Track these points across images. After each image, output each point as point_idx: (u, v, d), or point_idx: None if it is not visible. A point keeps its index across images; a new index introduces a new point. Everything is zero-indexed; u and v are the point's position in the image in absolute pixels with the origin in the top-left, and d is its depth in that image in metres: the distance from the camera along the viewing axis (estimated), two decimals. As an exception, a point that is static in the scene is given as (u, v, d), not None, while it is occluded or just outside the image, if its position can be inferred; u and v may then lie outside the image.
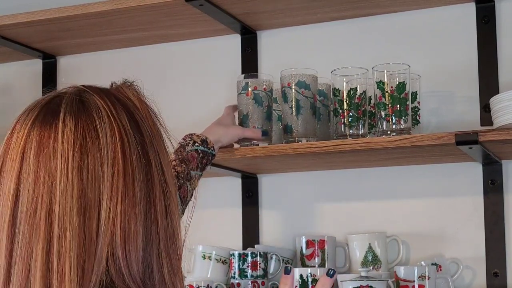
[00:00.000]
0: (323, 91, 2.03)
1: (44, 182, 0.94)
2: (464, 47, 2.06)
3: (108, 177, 0.94)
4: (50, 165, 0.94)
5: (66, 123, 0.96)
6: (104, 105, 1.00)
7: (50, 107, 0.99)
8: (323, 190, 2.18)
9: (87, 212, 0.93)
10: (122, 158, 0.96)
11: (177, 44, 2.36)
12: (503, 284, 1.97)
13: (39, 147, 0.96)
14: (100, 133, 0.97)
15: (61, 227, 0.92)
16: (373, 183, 2.13)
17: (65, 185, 0.93)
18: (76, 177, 0.94)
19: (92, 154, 0.95)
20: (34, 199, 0.93)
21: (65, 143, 0.95)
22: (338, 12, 2.12)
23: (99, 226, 0.93)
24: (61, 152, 0.95)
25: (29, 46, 2.41)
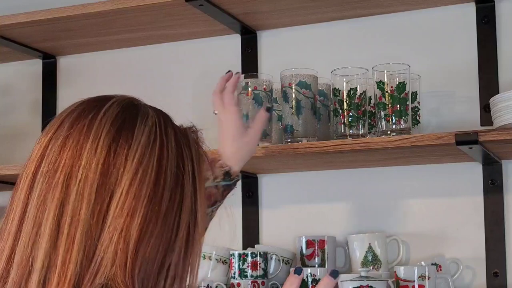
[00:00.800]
0: (323, 91, 2.03)
1: (70, 148, 0.94)
2: (464, 47, 2.06)
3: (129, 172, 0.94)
4: (82, 135, 0.95)
5: (111, 107, 0.98)
6: (154, 116, 1.01)
7: (99, 99, 1.01)
8: (323, 190, 2.18)
9: (104, 191, 0.93)
10: (158, 165, 0.95)
11: (177, 44, 2.35)
12: (503, 284, 1.97)
13: (78, 117, 0.97)
14: (137, 130, 0.97)
15: (79, 194, 0.92)
16: (373, 183, 2.13)
17: (91, 157, 0.94)
18: (103, 154, 0.94)
19: (122, 143, 0.95)
20: (57, 160, 0.94)
21: (103, 121, 0.96)
22: (338, 12, 2.12)
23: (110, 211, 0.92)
24: (97, 127, 0.95)
25: (29, 46, 2.41)
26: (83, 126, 0.96)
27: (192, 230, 0.97)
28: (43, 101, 2.52)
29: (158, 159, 0.96)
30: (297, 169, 2.18)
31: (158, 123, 1.00)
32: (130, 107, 1.00)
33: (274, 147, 1.94)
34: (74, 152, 0.94)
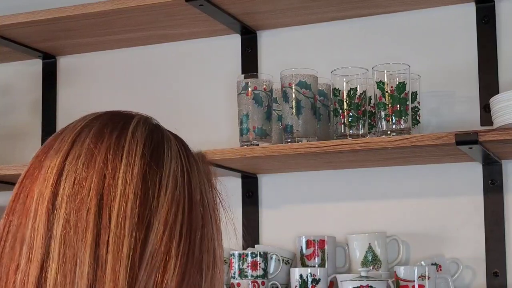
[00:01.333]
0: (323, 91, 2.03)
1: (99, 169, 0.82)
2: (464, 47, 2.06)
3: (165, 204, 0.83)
4: (112, 156, 0.83)
5: (138, 126, 0.88)
6: (175, 140, 0.90)
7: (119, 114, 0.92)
8: (323, 190, 2.18)
9: (142, 224, 0.82)
10: (188, 195, 0.86)
11: (177, 44, 2.35)
12: (503, 284, 1.97)
13: (101, 134, 0.86)
14: (166, 156, 0.86)
15: (120, 226, 0.81)
16: (373, 183, 2.13)
17: (128, 184, 0.82)
18: (140, 182, 0.83)
19: (155, 170, 0.84)
20: (85, 182, 0.82)
21: (134, 143, 0.85)
22: (338, 12, 2.12)
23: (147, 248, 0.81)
24: (128, 149, 0.84)
25: (29, 46, 2.41)
26: (109, 145, 0.85)
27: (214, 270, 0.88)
28: (43, 101, 2.52)
29: (188, 190, 0.86)
30: (297, 169, 2.18)
31: (180, 149, 0.90)
32: (155, 129, 0.90)
33: (274, 147, 1.94)
34: (104, 173, 0.82)
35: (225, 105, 2.26)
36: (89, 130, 0.87)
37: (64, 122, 2.49)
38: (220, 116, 2.28)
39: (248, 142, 1.98)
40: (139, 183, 0.82)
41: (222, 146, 2.09)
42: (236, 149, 1.98)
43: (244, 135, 1.99)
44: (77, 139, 0.86)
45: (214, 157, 1.97)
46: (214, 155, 1.96)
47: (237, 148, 1.98)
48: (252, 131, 1.98)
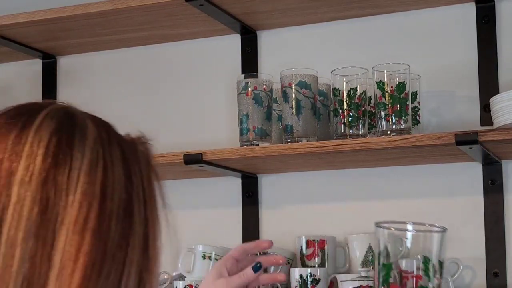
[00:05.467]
0: (323, 91, 2.03)
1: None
2: (464, 47, 2.06)
3: (72, 207, 0.76)
4: (8, 159, 0.77)
5: (44, 121, 0.80)
6: (94, 129, 0.82)
7: (28, 108, 0.83)
8: (323, 190, 2.18)
9: (46, 231, 0.75)
10: (101, 193, 0.78)
11: (177, 44, 2.35)
12: (503, 284, 1.97)
13: (1, 133, 0.79)
14: (76, 152, 0.79)
15: (9, 242, 0.74)
16: (373, 183, 2.13)
17: (24, 190, 0.75)
18: (39, 186, 0.76)
19: (60, 171, 0.77)
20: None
21: (36, 142, 0.78)
22: (338, 12, 2.12)
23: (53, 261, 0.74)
24: (29, 150, 0.77)
25: (29, 46, 2.41)
26: (5, 146, 0.77)
27: (144, 268, 0.80)
28: (43, 101, 2.52)
29: (101, 186, 0.78)
30: (297, 169, 2.18)
31: (100, 138, 0.81)
32: (66, 121, 0.81)
33: (274, 147, 1.94)
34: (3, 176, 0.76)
35: (225, 105, 2.26)
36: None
37: (64, 122, 2.49)
38: (220, 116, 2.28)
39: (248, 142, 1.98)
40: (39, 188, 0.75)
41: (222, 146, 2.09)
42: (236, 149, 1.98)
43: (244, 135, 1.99)
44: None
45: (214, 157, 1.97)
46: (214, 155, 1.97)
47: (237, 148, 1.98)
48: (252, 131, 1.98)
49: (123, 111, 2.40)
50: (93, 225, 0.76)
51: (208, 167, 2.02)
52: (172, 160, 2.00)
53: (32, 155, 0.77)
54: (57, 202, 0.76)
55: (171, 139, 2.28)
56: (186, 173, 2.18)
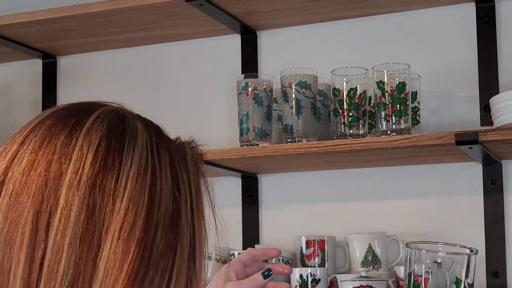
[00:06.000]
0: (323, 91, 2.03)
1: (40, 177, 0.75)
2: (464, 47, 2.06)
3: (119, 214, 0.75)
4: (57, 161, 0.75)
5: (95, 124, 0.78)
6: (144, 133, 0.81)
7: (79, 108, 0.82)
8: (323, 190, 2.18)
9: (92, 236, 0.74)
10: (149, 200, 0.76)
11: (177, 44, 2.35)
12: (503, 284, 1.97)
13: (50, 133, 0.77)
14: (126, 156, 0.77)
15: (56, 246, 0.73)
16: (373, 183, 2.13)
17: (72, 195, 0.74)
18: (88, 191, 0.75)
19: (109, 176, 0.76)
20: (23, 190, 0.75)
21: (86, 145, 0.76)
22: (338, 12, 2.12)
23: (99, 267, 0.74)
24: (79, 152, 0.76)
25: (29, 46, 2.41)
26: (54, 148, 0.76)
27: (191, 275, 0.80)
28: (43, 101, 2.52)
29: (149, 194, 0.77)
30: (297, 169, 2.18)
31: (150, 143, 0.80)
32: (116, 125, 0.80)
33: (274, 147, 1.94)
34: (45, 182, 0.75)
35: (225, 105, 2.26)
36: (39, 129, 0.79)
37: (64, 122, 2.49)
38: (220, 116, 2.28)
39: (248, 142, 1.98)
40: (87, 192, 0.74)
41: (222, 146, 2.09)
42: (236, 149, 1.98)
43: (244, 135, 1.99)
44: (25, 141, 0.79)
45: (214, 157, 1.97)
46: (214, 155, 1.97)
47: (237, 148, 1.98)
48: (252, 131, 1.98)
49: (123, 111, 2.40)
50: (139, 234, 0.75)
51: (208, 167, 2.02)
52: (172, 160, 2.00)
53: (82, 158, 0.76)
54: (103, 208, 0.74)
55: (171, 139, 2.28)
56: (186, 173, 2.18)
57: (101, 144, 0.77)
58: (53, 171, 0.75)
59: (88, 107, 0.81)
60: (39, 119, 0.81)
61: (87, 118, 0.79)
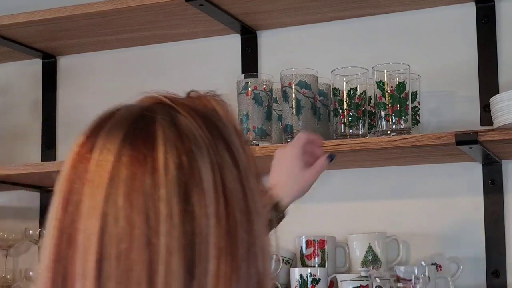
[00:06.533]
0: (323, 91, 2.03)
1: (141, 234, 0.75)
2: (464, 47, 2.06)
3: (212, 232, 0.77)
4: (149, 213, 0.76)
5: (168, 161, 0.78)
6: (202, 135, 0.81)
7: (139, 129, 0.80)
8: (323, 190, 2.17)
9: (192, 273, 0.75)
10: (225, 209, 0.78)
11: (177, 44, 2.36)
12: (503, 284, 1.97)
13: (132, 186, 0.77)
14: (203, 174, 0.78)
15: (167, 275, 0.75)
16: (373, 183, 2.13)
17: (168, 240, 0.75)
18: (181, 231, 0.76)
19: (196, 203, 0.77)
20: (126, 252, 0.75)
21: (169, 187, 0.77)
22: (338, 12, 2.12)
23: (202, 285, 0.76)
24: (166, 199, 0.76)
25: (29, 46, 2.41)
26: (143, 195, 0.76)
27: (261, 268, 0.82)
28: (43, 101, 2.52)
29: (225, 199, 0.79)
30: (297, 169, 2.18)
31: (209, 143, 0.81)
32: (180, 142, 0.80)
33: (274, 147, 1.94)
34: (146, 234, 0.75)
35: (225, 105, 2.26)
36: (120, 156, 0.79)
37: (64, 122, 2.49)
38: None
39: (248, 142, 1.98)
40: (181, 223, 0.76)
41: (222, 146, 2.08)
42: (236, 149, 1.97)
43: (244, 135, 1.99)
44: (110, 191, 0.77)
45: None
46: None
47: (237, 148, 1.98)
48: (252, 131, 1.98)
49: (123, 111, 2.41)
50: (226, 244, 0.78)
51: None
52: (172, 160, 2.00)
53: (169, 188, 0.77)
54: (197, 235, 0.76)
55: (171, 139, 2.28)
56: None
57: (179, 170, 0.78)
58: (148, 204, 0.76)
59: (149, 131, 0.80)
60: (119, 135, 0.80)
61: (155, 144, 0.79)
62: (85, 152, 0.80)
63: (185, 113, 0.82)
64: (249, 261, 0.79)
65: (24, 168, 2.20)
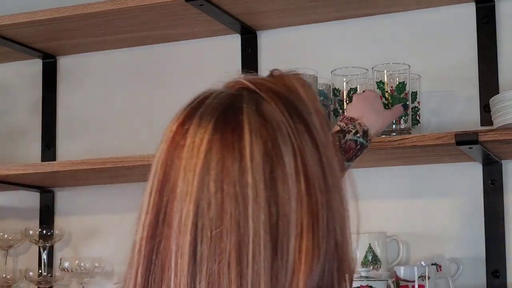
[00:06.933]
0: (323, 91, 2.03)
1: (231, 217, 0.82)
2: (464, 47, 2.06)
3: (294, 213, 0.84)
4: (238, 198, 0.82)
5: (254, 149, 0.84)
6: (284, 120, 0.87)
7: (228, 118, 0.87)
8: (323, 190, 2.17)
9: (277, 251, 0.82)
10: (306, 190, 0.85)
11: (177, 44, 2.35)
12: (503, 284, 1.97)
13: (222, 173, 0.84)
14: (286, 159, 0.84)
15: (255, 266, 0.81)
16: (373, 183, 2.13)
17: (256, 223, 0.82)
18: (267, 214, 0.82)
19: (280, 187, 0.84)
20: (219, 234, 0.82)
21: (255, 173, 0.83)
22: (338, 12, 2.12)
23: (286, 267, 0.83)
24: (252, 184, 0.83)
25: (29, 46, 2.41)
26: (233, 184, 0.83)
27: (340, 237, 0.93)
28: (43, 101, 2.52)
29: (306, 180, 0.85)
30: (297, 169, 2.18)
31: (291, 130, 0.87)
32: (265, 131, 0.86)
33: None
34: (237, 220, 0.82)
35: (225, 105, 2.26)
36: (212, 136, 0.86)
37: (64, 122, 2.49)
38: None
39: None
40: (268, 220, 0.83)
41: (222, 146, 2.08)
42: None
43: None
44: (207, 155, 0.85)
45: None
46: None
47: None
48: (252, 131, 1.98)
49: (123, 111, 2.40)
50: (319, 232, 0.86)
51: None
52: (172, 160, 2.00)
53: (255, 173, 0.83)
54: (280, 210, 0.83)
55: (171, 139, 2.28)
56: (186, 173, 2.17)
57: (265, 161, 0.84)
58: (238, 192, 0.83)
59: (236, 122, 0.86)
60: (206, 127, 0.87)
61: (242, 136, 0.85)
62: (179, 139, 0.87)
63: (268, 99, 0.88)
64: (329, 236, 0.87)
65: (24, 168, 2.20)
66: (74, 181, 2.36)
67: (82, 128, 2.46)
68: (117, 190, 2.37)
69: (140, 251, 0.86)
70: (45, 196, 2.47)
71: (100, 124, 2.43)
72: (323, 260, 0.86)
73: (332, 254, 0.88)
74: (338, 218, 0.92)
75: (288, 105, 0.88)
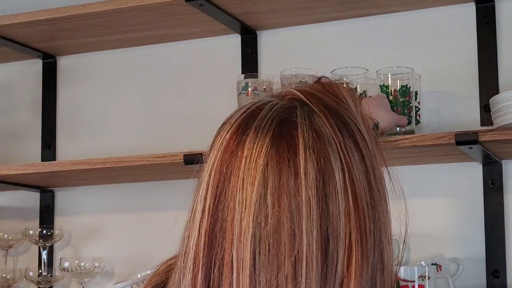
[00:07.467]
0: (323, 91, 2.03)
1: (287, 231, 0.85)
2: (464, 47, 2.06)
3: (343, 227, 0.87)
4: (293, 212, 0.85)
5: (308, 165, 0.87)
6: (334, 136, 0.90)
7: (283, 133, 0.89)
8: (323, 190, 2.17)
9: (328, 264, 0.86)
10: (354, 205, 0.89)
11: (177, 44, 2.35)
12: (503, 284, 1.97)
13: (279, 188, 0.86)
14: (336, 175, 0.88)
15: (308, 280, 0.84)
16: (373, 183, 2.12)
17: (309, 238, 0.85)
18: (318, 229, 0.86)
19: (330, 202, 0.87)
20: (276, 247, 0.85)
21: (309, 189, 0.86)
22: (338, 12, 2.12)
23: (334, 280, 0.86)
24: (306, 200, 0.86)
25: (29, 46, 2.41)
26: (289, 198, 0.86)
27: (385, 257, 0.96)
28: (43, 101, 2.52)
29: (353, 195, 0.89)
30: (297, 169, 2.18)
31: (340, 146, 0.90)
32: (318, 147, 0.89)
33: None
34: (291, 234, 0.85)
35: (225, 105, 2.26)
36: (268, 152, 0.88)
37: (64, 122, 2.49)
38: (220, 116, 2.27)
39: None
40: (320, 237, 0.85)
41: (222, 146, 2.08)
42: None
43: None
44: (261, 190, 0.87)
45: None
46: None
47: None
48: (252, 131, 1.98)
49: (123, 111, 2.40)
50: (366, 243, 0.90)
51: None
52: (172, 160, 2.00)
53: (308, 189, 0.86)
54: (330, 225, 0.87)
55: (171, 139, 2.28)
56: (186, 173, 2.17)
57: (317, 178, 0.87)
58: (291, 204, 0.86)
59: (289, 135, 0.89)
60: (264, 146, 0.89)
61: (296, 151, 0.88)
62: (235, 149, 0.90)
63: (320, 112, 0.91)
64: (376, 248, 0.91)
65: (24, 168, 2.20)
66: (74, 181, 2.36)
67: (82, 128, 2.46)
68: (117, 190, 2.37)
69: (196, 259, 0.88)
70: (45, 196, 2.47)
71: (100, 124, 2.43)
72: (371, 272, 0.89)
73: (378, 264, 0.92)
74: (383, 229, 0.96)
75: (338, 119, 0.91)
